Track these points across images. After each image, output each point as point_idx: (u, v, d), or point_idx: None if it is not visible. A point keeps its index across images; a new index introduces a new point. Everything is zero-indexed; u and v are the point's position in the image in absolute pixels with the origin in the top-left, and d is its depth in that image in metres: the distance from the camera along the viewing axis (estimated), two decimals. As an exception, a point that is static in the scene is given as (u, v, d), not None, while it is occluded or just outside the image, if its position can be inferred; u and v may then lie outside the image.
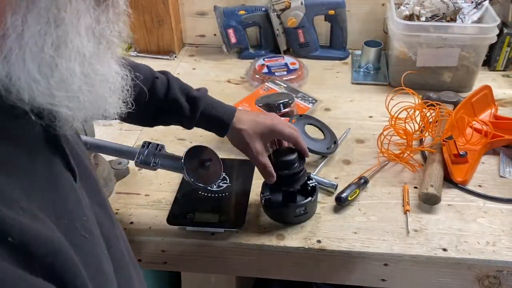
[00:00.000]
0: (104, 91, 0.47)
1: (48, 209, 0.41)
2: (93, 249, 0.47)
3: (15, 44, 0.38)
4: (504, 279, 0.84)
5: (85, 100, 0.44)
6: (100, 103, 0.47)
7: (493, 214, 0.91)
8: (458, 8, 1.32)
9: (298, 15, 1.43)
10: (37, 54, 0.39)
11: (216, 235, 0.87)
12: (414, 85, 1.14)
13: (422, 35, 1.23)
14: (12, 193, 0.38)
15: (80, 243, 0.44)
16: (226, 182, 0.96)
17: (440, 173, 0.96)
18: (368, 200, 0.95)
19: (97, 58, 0.44)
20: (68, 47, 0.41)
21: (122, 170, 1.00)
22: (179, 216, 0.89)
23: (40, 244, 0.37)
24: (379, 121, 1.18)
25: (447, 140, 0.99)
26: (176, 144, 1.11)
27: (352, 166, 1.04)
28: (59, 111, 0.43)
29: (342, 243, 0.85)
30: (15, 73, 0.39)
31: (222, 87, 1.36)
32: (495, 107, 1.18)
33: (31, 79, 0.40)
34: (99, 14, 0.43)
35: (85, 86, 0.44)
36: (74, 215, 0.46)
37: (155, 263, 0.92)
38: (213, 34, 1.56)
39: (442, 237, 0.86)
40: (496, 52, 1.37)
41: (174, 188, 0.97)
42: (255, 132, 0.83)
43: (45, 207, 0.41)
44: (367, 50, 1.40)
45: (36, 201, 0.40)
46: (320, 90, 1.31)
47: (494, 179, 1.00)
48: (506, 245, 0.84)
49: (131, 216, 0.92)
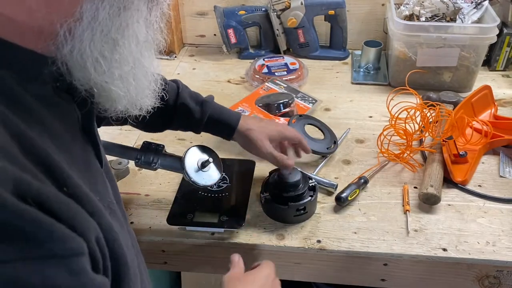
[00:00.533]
0: (144, 82, 0.51)
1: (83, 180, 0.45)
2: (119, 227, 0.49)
3: (88, 26, 0.42)
4: (504, 279, 0.84)
5: (131, 84, 0.49)
6: (140, 91, 0.51)
7: (493, 214, 0.91)
8: (458, 8, 1.32)
9: (298, 15, 1.43)
10: (106, 35, 0.44)
11: (216, 235, 0.87)
12: (414, 85, 1.14)
13: (422, 35, 1.23)
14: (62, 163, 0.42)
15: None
16: (226, 182, 0.96)
17: (440, 173, 0.96)
18: (368, 200, 0.95)
19: (145, 46, 0.49)
20: (129, 30, 0.45)
21: (122, 170, 1.00)
22: (179, 216, 0.89)
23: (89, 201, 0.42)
24: (379, 121, 1.18)
25: (447, 140, 0.99)
26: (176, 144, 1.11)
27: (352, 166, 1.04)
28: (111, 88, 0.47)
29: (342, 243, 0.85)
30: (84, 52, 0.43)
31: (222, 87, 1.36)
32: (495, 107, 1.18)
33: (99, 56, 0.44)
34: (152, 8, 0.48)
35: (133, 70, 0.48)
36: (103, 195, 0.50)
37: (155, 263, 0.92)
38: (213, 34, 1.56)
39: (442, 237, 0.86)
40: (496, 52, 1.37)
41: (174, 188, 0.97)
42: (263, 132, 0.88)
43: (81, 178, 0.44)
44: (367, 50, 1.40)
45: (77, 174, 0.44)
46: (320, 90, 1.31)
47: (494, 179, 1.00)
48: (506, 245, 0.84)
49: (131, 216, 0.92)
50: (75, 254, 0.36)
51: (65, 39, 0.42)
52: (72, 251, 0.36)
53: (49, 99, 0.45)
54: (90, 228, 0.39)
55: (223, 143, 1.10)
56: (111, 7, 0.42)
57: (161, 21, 0.51)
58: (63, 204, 0.37)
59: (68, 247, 0.35)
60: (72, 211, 0.38)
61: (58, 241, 0.35)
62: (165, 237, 0.88)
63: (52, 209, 0.35)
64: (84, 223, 0.39)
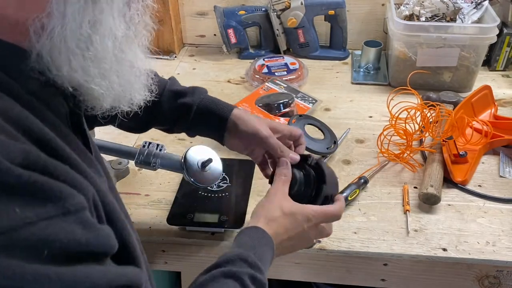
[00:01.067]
0: (130, 77, 0.50)
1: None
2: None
3: (58, 22, 0.42)
4: (504, 279, 0.84)
5: (114, 81, 0.47)
6: (127, 87, 0.50)
7: (493, 214, 0.91)
8: (458, 8, 1.32)
9: (298, 15, 1.43)
10: (76, 30, 0.42)
11: (216, 235, 0.87)
12: (414, 85, 1.14)
13: (422, 35, 1.23)
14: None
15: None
16: (226, 182, 0.96)
17: (440, 173, 0.96)
18: (368, 200, 0.95)
19: (125, 43, 0.47)
20: (102, 26, 0.44)
21: (122, 170, 1.00)
22: (179, 216, 0.89)
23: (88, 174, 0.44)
24: (379, 121, 1.18)
25: (447, 140, 0.99)
26: (176, 144, 1.11)
27: (352, 166, 1.04)
28: (92, 87, 0.46)
29: (342, 243, 0.85)
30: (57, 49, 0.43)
31: (222, 87, 1.36)
32: (495, 107, 1.18)
33: (70, 53, 0.43)
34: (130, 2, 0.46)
35: (115, 67, 0.47)
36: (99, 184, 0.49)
37: (155, 263, 0.92)
38: (213, 34, 1.56)
39: (442, 237, 0.86)
40: (496, 52, 1.37)
41: (174, 188, 0.97)
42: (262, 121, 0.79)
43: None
44: (367, 50, 1.40)
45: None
46: (320, 90, 1.31)
47: (494, 179, 1.00)
48: (506, 245, 0.84)
49: (131, 216, 0.91)
50: (82, 208, 0.39)
51: (38, 35, 0.42)
52: (79, 205, 0.39)
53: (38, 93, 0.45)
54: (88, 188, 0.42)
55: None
56: (78, 1, 0.42)
57: (145, 14, 0.49)
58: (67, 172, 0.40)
59: (76, 202, 0.39)
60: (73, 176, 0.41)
61: (68, 198, 0.38)
62: (165, 237, 0.88)
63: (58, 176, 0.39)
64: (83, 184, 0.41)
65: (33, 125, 0.41)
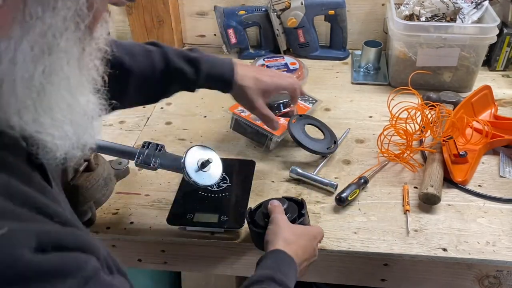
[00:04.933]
0: (84, 123, 0.47)
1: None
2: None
3: (7, 69, 0.38)
4: (504, 279, 0.84)
5: (68, 129, 0.45)
6: (80, 134, 0.47)
7: (493, 214, 0.91)
8: (458, 8, 1.32)
9: (298, 15, 1.43)
10: (27, 80, 0.39)
11: (216, 235, 0.87)
12: (414, 85, 1.14)
13: (422, 35, 1.23)
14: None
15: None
16: (226, 182, 0.96)
17: (440, 173, 0.96)
18: (368, 200, 0.95)
19: (79, 89, 0.45)
20: (58, 75, 0.41)
21: (122, 170, 1.00)
22: (179, 216, 0.89)
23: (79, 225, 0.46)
24: (379, 121, 1.18)
25: (447, 140, 0.99)
26: (176, 144, 1.11)
27: (352, 166, 1.04)
28: (44, 139, 0.44)
29: (342, 243, 0.85)
30: (5, 100, 0.40)
31: (222, 87, 1.36)
32: (495, 107, 1.18)
33: (21, 105, 0.40)
34: (86, 45, 0.44)
35: (68, 116, 0.45)
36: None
37: (155, 263, 0.92)
38: (213, 34, 1.56)
39: (442, 237, 0.86)
40: (496, 52, 1.37)
41: (174, 188, 0.97)
42: (258, 89, 0.88)
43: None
44: (367, 50, 1.40)
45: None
46: (320, 90, 1.31)
47: (494, 179, 1.00)
48: (506, 245, 0.84)
49: (131, 216, 0.92)
50: (97, 269, 0.41)
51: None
52: (95, 269, 0.40)
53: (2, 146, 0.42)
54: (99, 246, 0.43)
55: (223, 143, 1.11)
56: (32, 49, 0.38)
57: (97, 58, 0.47)
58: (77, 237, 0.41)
59: (92, 266, 0.40)
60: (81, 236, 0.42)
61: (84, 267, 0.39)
62: (165, 237, 0.88)
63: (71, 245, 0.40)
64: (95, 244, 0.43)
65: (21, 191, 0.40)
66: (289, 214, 0.81)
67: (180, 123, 1.19)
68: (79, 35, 0.41)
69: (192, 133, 1.15)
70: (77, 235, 0.41)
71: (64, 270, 0.38)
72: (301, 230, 0.76)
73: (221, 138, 1.13)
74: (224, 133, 1.15)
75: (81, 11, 0.40)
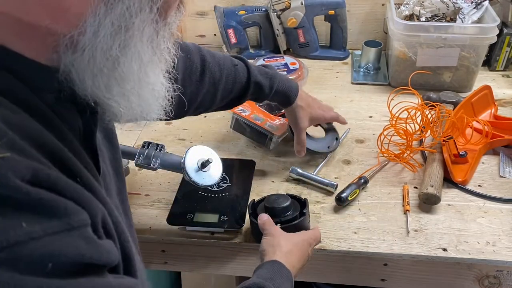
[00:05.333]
0: (149, 98, 0.52)
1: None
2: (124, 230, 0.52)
3: (90, 41, 0.43)
4: (504, 279, 0.84)
5: (134, 101, 0.50)
6: (145, 108, 0.52)
7: (493, 214, 0.91)
8: (458, 8, 1.32)
9: (298, 15, 1.43)
10: (106, 51, 0.44)
11: (216, 235, 0.87)
12: (414, 85, 1.14)
13: (422, 35, 1.23)
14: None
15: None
16: (226, 182, 0.96)
17: (440, 173, 0.96)
18: (368, 200, 0.95)
19: (150, 66, 0.49)
20: (131, 50, 0.46)
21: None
22: (179, 216, 0.89)
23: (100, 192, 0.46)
24: (379, 121, 1.18)
25: (447, 140, 0.99)
26: (176, 144, 1.11)
27: (352, 166, 1.04)
28: (111, 105, 0.48)
29: (342, 243, 0.85)
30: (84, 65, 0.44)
31: (222, 87, 1.36)
32: (495, 107, 1.18)
33: (97, 71, 0.45)
34: (159, 28, 0.48)
35: (136, 88, 0.49)
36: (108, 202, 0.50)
37: (155, 263, 0.92)
38: (213, 34, 1.56)
39: (442, 237, 0.86)
40: (496, 52, 1.37)
41: (174, 188, 0.97)
42: (308, 112, 0.99)
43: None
44: (367, 50, 1.40)
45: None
46: (320, 90, 1.31)
47: (494, 179, 1.00)
48: (506, 245, 0.84)
49: (131, 216, 0.92)
50: (85, 224, 0.41)
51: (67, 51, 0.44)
52: (83, 222, 0.40)
53: (55, 106, 0.46)
54: (96, 209, 0.43)
55: (223, 143, 1.11)
56: (112, 25, 0.43)
57: (169, 41, 0.52)
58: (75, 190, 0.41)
59: (80, 218, 0.40)
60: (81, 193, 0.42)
61: (72, 215, 0.39)
62: (165, 237, 0.88)
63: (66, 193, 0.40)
64: (92, 203, 0.43)
65: (48, 141, 0.42)
66: (291, 211, 0.83)
67: (180, 123, 1.19)
68: (152, 16, 0.46)
69: (192, 133, 1.15)
70: (78, 190, 0.42)
71: (52, 209, 0.38)
72: (297, 239, 0.77)
73: (221, 138, 1.13)
74: (224, 133, 1.15)
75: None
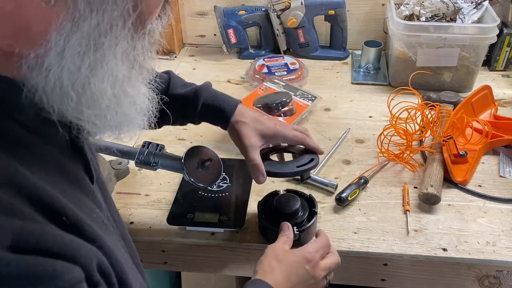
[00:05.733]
0: (131, 112, 0.50)
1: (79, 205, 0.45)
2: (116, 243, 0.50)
3: (55, 61, 0.41)
4: (504, 279, 0.84)
5: (111, 118, 0.47)
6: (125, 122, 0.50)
7: (493, 214, 0.91)
8: (458, 8, 1.32)
9: (298, 15, 1.43)
10: (73, 73, 0.42)
11: (216, 235, 0.87)
12: (414, 85, 1.14)
13: (422, 35, 1.23)
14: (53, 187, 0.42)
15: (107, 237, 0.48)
16: (226, 182, 0.96)
17: (440, 173, 0.96)
18: (368, 200, 0.95)
19: (128, 81, 0.47)
20: (103, 69, 0.43)
21: (122, 170, 1.00)
22: (179, 216, 0.89)
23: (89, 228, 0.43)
24: (379, 121, 1.18)
25: (447, 140, 0.99)
26: (176, 144, 1.11)
27: (352, 166, 1.04)
28: (84, 126, 0.46)
29: (342, 243, 0.85)
30: (51, 87, 0.42)
31: (222, 87, 1.36)
32: (495, 107, 1.18)
33: (64, 94, 0.42)
34: (136, 41, 0.46)
35: (113, 106, 0.46)
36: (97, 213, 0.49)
37: (155, 263, 0.92)
38: (213, 34, 1.56)
39: (442, 237, 0.86)
40: (496, 52, 1.37)
41: (174, 188, 0.97)
42: (255, 128, 0.79)
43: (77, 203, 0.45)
44: (367, 50, 1.40)
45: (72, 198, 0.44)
46: (320, 90, 1.31)
47: (494, 179, 1.00)
48: (506, 245, 0.84)
49: (131, 216, 0.92)
50: (78, 281, 0.39)
51: (32, 70, 0.41)
52: (75, 279, 0.38)
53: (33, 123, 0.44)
54: (91, 255, 0.41)
55: (223, 143, 1.10)
56: (80, 44, 0.40)
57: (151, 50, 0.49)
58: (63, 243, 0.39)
59: (71, 277, 0.38)
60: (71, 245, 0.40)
61: (62, 275, 0.37)
62: (165, 237, 0.88)
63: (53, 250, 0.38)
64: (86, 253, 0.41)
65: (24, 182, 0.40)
66: (301, 212, 0.83)
67: (180, 123, 1.19)
68: (125, 32, 0.43)
69: (192, 133, 1.15)
70: (66, 241, 0.39)
71: (36, 275, 0.36)
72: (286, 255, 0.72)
73: (221, 138, 1.13)
74: (224, 133, 1.14)
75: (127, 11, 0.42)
